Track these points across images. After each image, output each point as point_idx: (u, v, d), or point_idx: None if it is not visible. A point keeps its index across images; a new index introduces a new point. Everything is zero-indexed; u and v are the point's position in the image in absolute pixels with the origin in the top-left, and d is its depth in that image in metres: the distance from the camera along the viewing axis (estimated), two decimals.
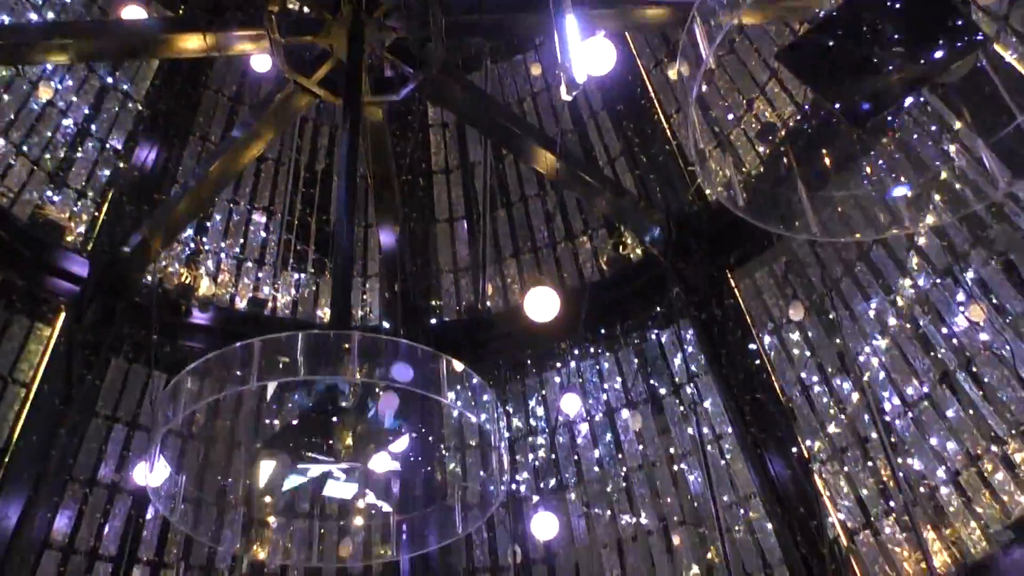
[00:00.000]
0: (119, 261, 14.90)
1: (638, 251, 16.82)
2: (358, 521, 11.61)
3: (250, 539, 10.89)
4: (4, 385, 14.31)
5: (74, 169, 16.12)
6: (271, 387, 8.42)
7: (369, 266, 18.28)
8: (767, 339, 15.02)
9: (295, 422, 8.76)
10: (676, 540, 15.03)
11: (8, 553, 13.12)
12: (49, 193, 15.55)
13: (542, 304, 8.92)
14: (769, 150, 14.08)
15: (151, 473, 8.58)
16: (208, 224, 17.45)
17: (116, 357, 15.41)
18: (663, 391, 16.04)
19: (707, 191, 15.36)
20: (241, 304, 16.92)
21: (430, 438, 15.79)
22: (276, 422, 9.08)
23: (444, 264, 18.40)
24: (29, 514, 13.46)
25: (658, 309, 16.28)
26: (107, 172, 16.50)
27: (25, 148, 15.42)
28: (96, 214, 16.02)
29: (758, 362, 14.67)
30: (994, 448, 12.14)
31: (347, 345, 7.47)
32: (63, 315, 14.94)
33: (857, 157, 8.39)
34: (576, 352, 16.52)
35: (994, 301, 12.33)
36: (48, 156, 15.76)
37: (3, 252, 14.28)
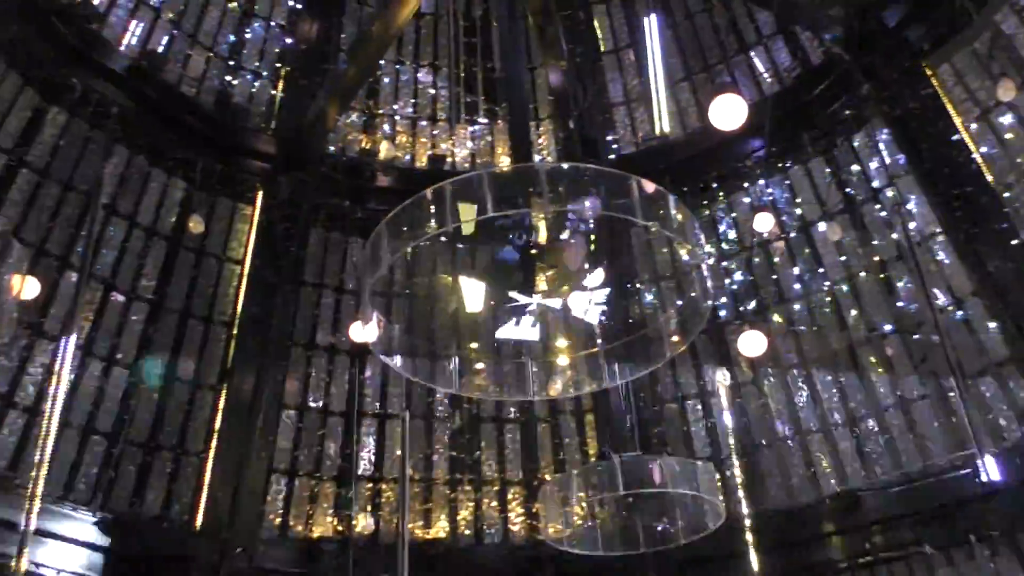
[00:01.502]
0: (301, 134, 15.40)
1: (819, 53, 15.73)
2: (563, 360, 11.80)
3: (465, 380, 11.32)
4: (220, 264, 15.37)
5: (246, 51, 16.62)
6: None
7: (540, 110, 18.01)
8: (973, 127, 13.83)
9: (496, 261, 8.84)
10: (890, 350, 14.51)
11: (250, 416, 14.38)
12: (228, 78, 16.14)
13: (728, 112, 8.48)
14: None
15: (365, 327, 8.94)
16: (378, 88, 17.66)
17: (314, 227, 16.15)
18: (861, 197, 15.21)
19: None
20: (421, 163, 17.20)
21: (626, 268, 15.79)
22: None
23: (615, 96, 17.90)
24: (262, 379, 14.64)
25: (847, 112, 15.27)
26: (276, 50, 16.91)
27: (199, 36, 15.98)
28: (273, 92, 16.56)
29: (965, 153, 13.59)
30: None
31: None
32: (260, 193, 15.73)
33: None
34: (763, 168, 15.86)
35: None
36: (221, 40, 16.29)
37: (197, 139, 15.08)
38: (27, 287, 9.94)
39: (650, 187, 7.64)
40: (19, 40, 12.94)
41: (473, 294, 8.98)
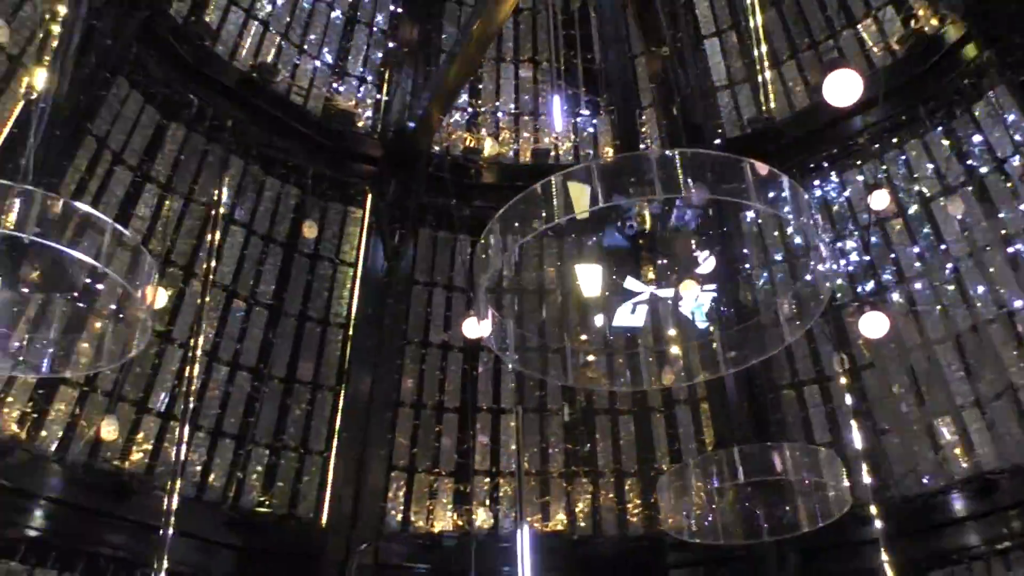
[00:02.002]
0: (407, 136, 15.65)
1: (933, 21, 15.07)
2: (675, 349, 11.67)
3: (577, 372, 11.32)
4: (335, 267, 15.79)
5: (351, 57, 17.01)
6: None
7: (642, 98, 17.80)
8: None
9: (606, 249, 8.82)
10: (1020, 327, 13.85)
11: (368, 414, 14.71)
12: (334, 84, 16.53)
13: (843, 87, 8.22)
14: None
15: (480, 324, 9.03)
16: (480, 87, 17.82)
17: (422, 227, 16.41)
18: (984, 169, 14.52)
19: None
20: (525, 158, 17.27)
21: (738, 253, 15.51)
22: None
23: (719, 79, 17.56)
24: (378, 378, 14.96)
25: (966, 81, 14.60)
26: (379, 54, 17.27)
27: (305, 46, 16.41)
28: (378, 96, 16.91)
29: None
30: None
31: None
32: (369, 196, 16.07)
33: None
34: (877, 144, 15.32)
35: None
36: (326, 49, 16.70)
37: (308, 146, 15.52)
38: (157, 297, 10.39)
39: (763, 169, 7.45)
40: (139, 61, 13.53)
41: (588, 280, 8.97)
